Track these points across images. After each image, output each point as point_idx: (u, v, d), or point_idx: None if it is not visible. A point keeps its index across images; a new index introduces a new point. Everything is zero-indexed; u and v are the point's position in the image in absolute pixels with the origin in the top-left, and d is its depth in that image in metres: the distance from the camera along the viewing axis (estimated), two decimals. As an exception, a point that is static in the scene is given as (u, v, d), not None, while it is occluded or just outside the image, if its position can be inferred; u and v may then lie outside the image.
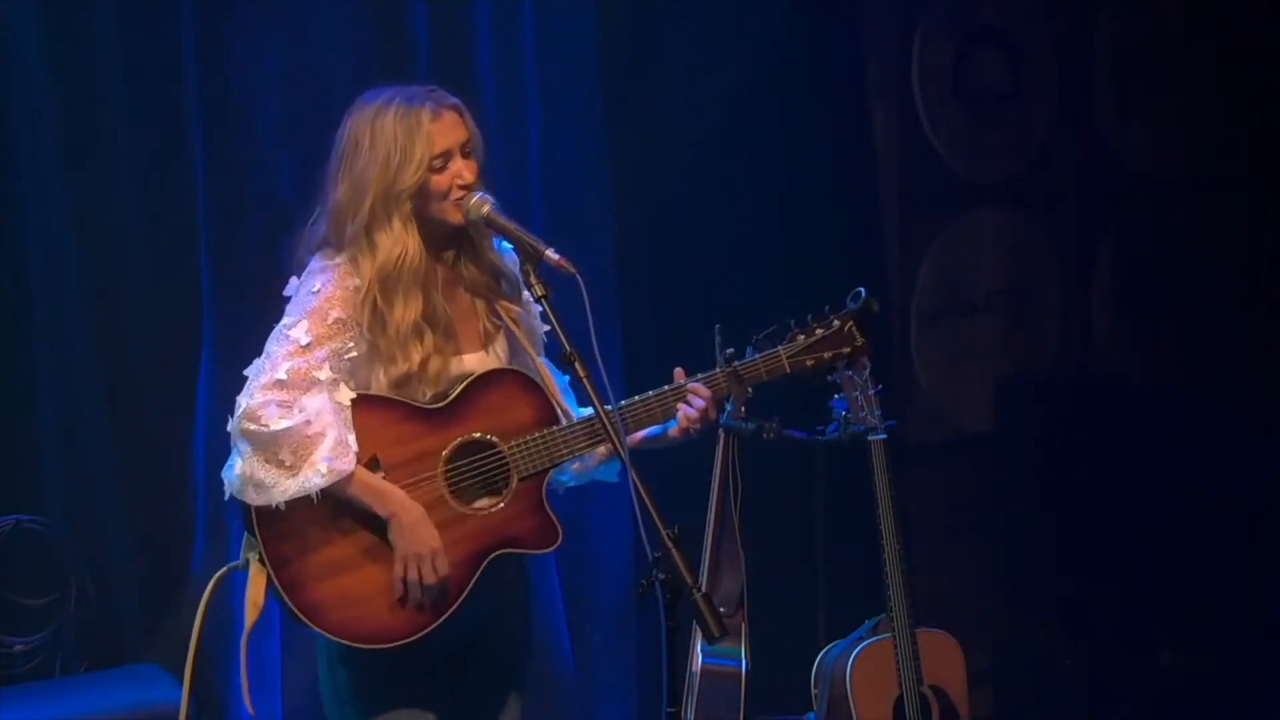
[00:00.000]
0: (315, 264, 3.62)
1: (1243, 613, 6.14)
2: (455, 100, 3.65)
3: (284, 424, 3.45)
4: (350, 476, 3.49)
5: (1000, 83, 6.34)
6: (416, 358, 3.58)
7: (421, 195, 3.60)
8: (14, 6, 4.87)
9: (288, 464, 3.45)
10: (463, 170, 3.61)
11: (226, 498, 3.54)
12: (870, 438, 4.50)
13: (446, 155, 3.60)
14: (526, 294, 3.71)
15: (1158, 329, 6.49)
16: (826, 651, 4.72)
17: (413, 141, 3.57)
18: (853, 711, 4.56)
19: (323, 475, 3.46)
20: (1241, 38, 6.34)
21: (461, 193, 3.61)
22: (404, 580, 3.53)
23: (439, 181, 3.60)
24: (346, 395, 3.55)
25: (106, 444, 5.03)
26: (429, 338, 3.60)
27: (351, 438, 3.50)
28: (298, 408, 3.47)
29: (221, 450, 3.56)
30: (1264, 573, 6.13)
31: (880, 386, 4.45)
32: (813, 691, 4.70)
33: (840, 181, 5.99)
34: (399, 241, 3.59)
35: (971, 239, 6.33)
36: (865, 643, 4.60)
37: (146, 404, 5.07)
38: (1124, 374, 6.51)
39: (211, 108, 5.02)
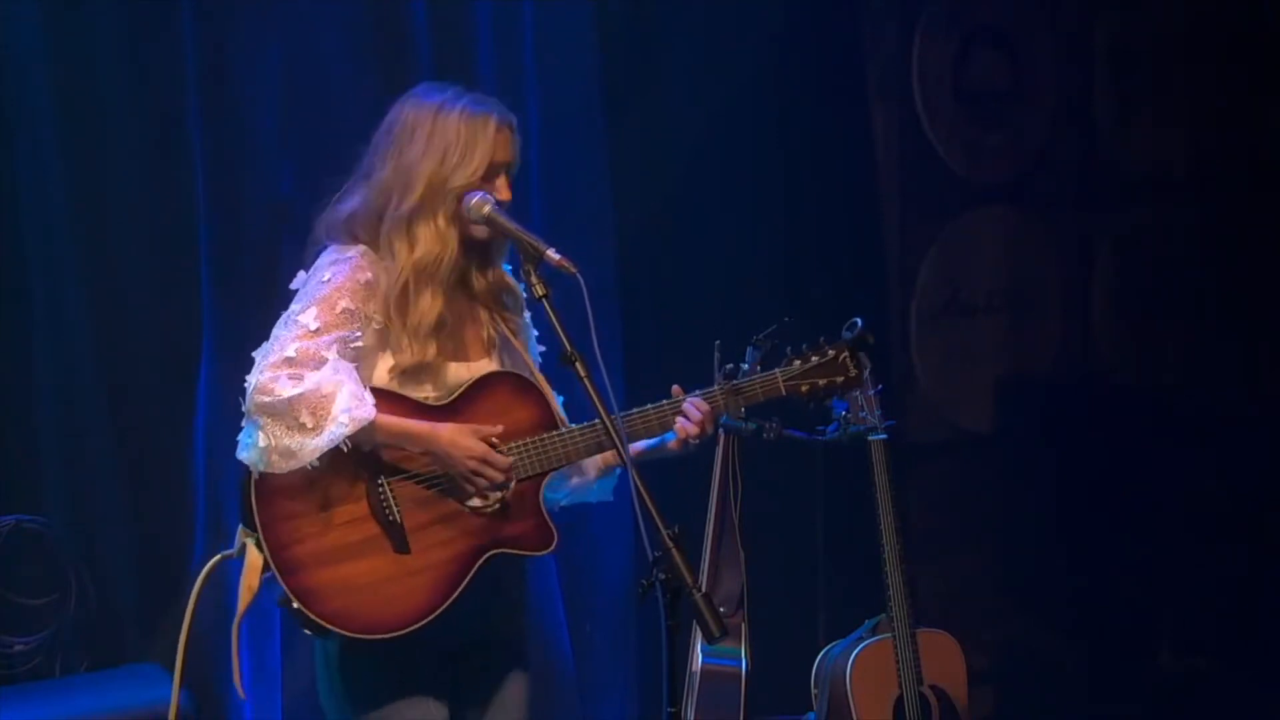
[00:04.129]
0: (327, 256, 3.62)
1: (1243, 613, 6.14)
2: (514, 118, 3.65)
3: (296, 390, 3.44)
4: (373, 423, 3.48)
5: (1000, 83, 6.33)
6: (431, 352, 3.59)
7: (461, 200, 3.60)
8: (15, 6, 4.87)
9: (309, 425, 3.44)
10: (503, 188, 3.62)
11: (256, 475, 3.50)
12: (870, 438, 4.50)
13: (497, 168, 3.61)
14: (526, 313, 3.74)
15: (1157, 329, 6.49)
16: (826, 651, 4.72)
17: (475, 143, 3.57)
18: (853, 711, 4.56)
19: (345, 425, 3.44)
20: (1242, 38, 6.34)
21: None
22: (476, 497, 3.55)
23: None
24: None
25: (106, 444, 5.03)
26: (437, 341, 3.62)
27: (366, 391, 3.50)
28: (308, 377, 3.47)
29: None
30: (1264, 572, 6.12)
31: (880, 386, 4.45)
32: (813, 691, 4.71)
33: (840, 182, 5.99)
34: (441, 239, 3.59)
35: (971, 239, 6.32)
36: (865, 643, 4.60)
37: (146, 403, 5.06)
38: (1123, 374, 6.51)
39: (211, 108, 5.02)
